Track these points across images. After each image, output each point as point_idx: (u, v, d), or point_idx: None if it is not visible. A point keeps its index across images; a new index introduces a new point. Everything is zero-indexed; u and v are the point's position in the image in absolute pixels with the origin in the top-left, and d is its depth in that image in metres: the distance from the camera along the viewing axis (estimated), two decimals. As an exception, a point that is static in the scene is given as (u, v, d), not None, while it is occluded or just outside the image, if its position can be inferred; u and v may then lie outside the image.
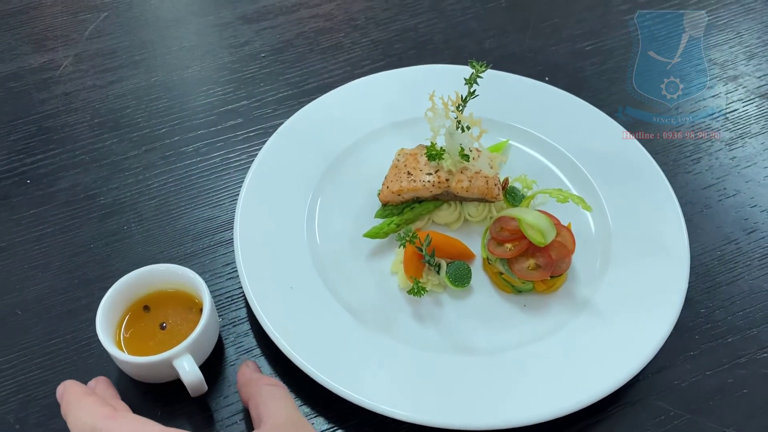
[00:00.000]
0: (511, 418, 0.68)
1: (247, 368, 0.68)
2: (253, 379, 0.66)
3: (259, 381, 0.65)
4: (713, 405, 0.74)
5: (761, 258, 0.86)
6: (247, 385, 0.65)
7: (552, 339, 0.76)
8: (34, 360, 0.76)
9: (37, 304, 0.80)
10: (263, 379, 0.66)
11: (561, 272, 0.79)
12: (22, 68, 1.08)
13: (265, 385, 0.63)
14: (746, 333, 0.79)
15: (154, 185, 0.93)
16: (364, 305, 0.79)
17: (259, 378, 0.66)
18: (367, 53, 1.12)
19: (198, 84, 1.06)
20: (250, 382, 0.65)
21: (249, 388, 0.65)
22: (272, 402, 0.61)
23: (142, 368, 0.69)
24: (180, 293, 0.75)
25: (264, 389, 0.63)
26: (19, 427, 0.71)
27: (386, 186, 0.85)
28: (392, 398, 0.69)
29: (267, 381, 0.65)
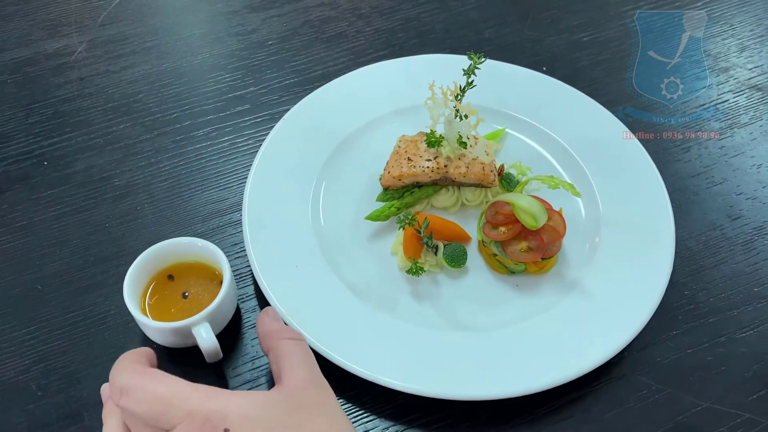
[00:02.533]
0: (503, 389, 0.73)
1: (267, 317, 0.65)
2: (273, 330, 0.63)
3: (278, 334, 0.62)
4: (693, 381, 0.78)
5: (744, 243, 0.90)
6: (267, 336, 0.63)
7: (542, 317, 0.80)
8: (53, 332, 0.80)
9: (56, 279, 0.85)
10: (283, 331, 0.63)
11: (552, 254, 0.83)
12: (38, 53, 1.12)
13: (284, 340, 0.61)
14: (727, 314, 0.83)
15: (166, 168, 0.97)
16: (365, 284, 0.83)
17: (278, 331, 0.63)
18: (371, 42, 1.15)
19: (207, 70, 1.10)
20: (270, 333, 0.63)
21: (269, 340, 0.62)
22: (292, 360, 0.59)
23: (162, 333, 0.74)
24: (203, 265, 0.79)
25: (283, 345, 0.61)
26: (41, 393, 0.76)
27: (387, 171, 0.89)
28: (390, 370, 0.73)
29: (287, 334, 0.62)
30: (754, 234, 0.91)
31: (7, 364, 0.78)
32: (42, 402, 0.75)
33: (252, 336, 0.81)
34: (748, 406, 0.76)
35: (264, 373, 0.78)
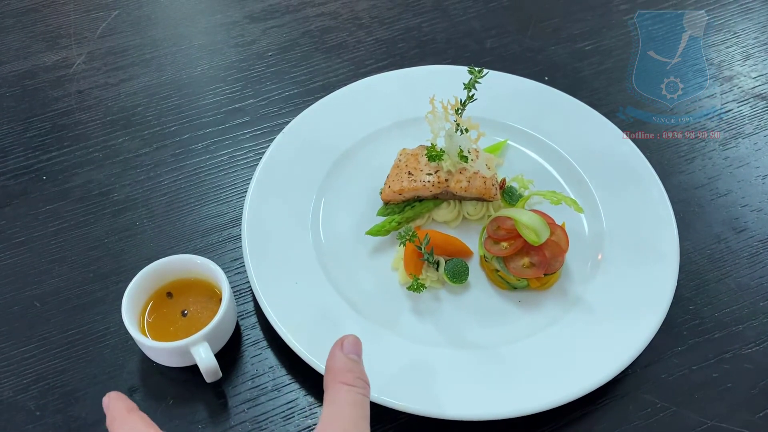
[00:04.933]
0: (505, 409, 0.72)
1: (340, 349, 0.61)
2: (335, 369, 0.59)
3: (338, 375, 0.58)
4: (698, 398, 0.77)
5: (749, 257, 0.89)
6: (328, 373, 0.59)
7: (545, 334, 0.79)
8: (52, 350, 0.80)
9: (54, 296, 0.84)
10: (343, 373, 0.59)
11: (554, 270, 0.82)
12: (37, 66, 1.12)
13: (340, 384, 0.58)
14: (732, 329, 0.82)
15: (165, 182, 0.96)
16: (365, 300, 0.82)
17: (340, 371, 0.59)
18: (371, 52, 1.15)
19: (207, 82, 1.10)
20: (332, 371, 0.59)
21: (328, 378, 0.59)
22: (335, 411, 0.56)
23: (160, 352, 0.74)
24: (202, 282, 0.79)
25: (337, 390, 0.57)
26: (39, 413, 0.75)
27: (388, 185, 0.88)
28: (391, 390, 0.73)
29: (346, 378, 0.58)
30: (759, 247, 0.90)
31: (5, 383, 0.77)
32: (40, 422, 0.74)
33: (252, 354, 0.80)
34: (755, 424, 0.75)
35: (264, 392, 0.77)
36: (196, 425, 0.74)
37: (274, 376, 0.78)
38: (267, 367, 0.79)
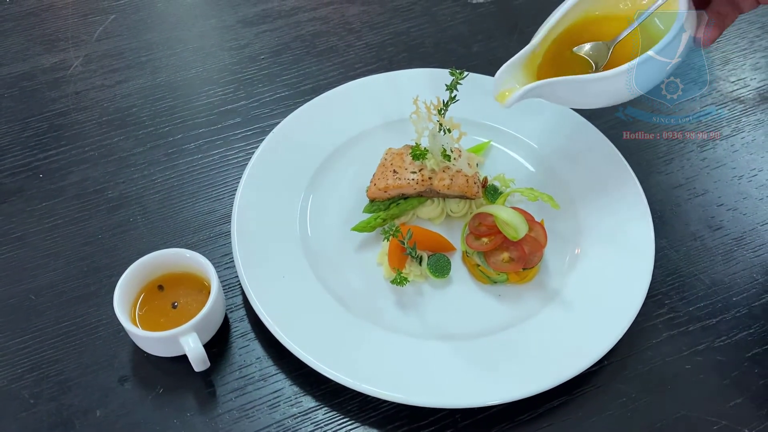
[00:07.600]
0: (485, 397, 0.75)
1: None
2: None
3: None
4: (671, 389, 0.80)
5: (724, 254, 0.92)
6: None
7: (524, 326, 0.82)
8: (46, 341, 0.82)
9: (49, 289, 0.87)
10: None
11: (533, 265, 0.85)
12: (35, 68, 1.14)
13: None
14: (706, 323, 0.85)
15: (158, 180, 0.99)
16: (351, 294, 0.85)
17: None
18: (361, 56, 1.18)
19: (200, 84, 1.12)
20: None
21: None
22: None
23: (151, 342, 0.77)
24: (192, 275, 0.82)
25: None
26: (33, 401, 0.77)
27: (374, 183, 0.91)
28: (374, 379, 0.75)
29: None
30: (733, 244, 0.93)
31: (1, 372, 0.80)
32: (34, 410, 0.77)
33: (240, 345, 0.82)
34: (726, 413, 0.78)
35: (251, 381, 0.79)
36: (185, 413, 0.77)
37: (261, 367, 0.81)
38: (254, 357, 0.81)
